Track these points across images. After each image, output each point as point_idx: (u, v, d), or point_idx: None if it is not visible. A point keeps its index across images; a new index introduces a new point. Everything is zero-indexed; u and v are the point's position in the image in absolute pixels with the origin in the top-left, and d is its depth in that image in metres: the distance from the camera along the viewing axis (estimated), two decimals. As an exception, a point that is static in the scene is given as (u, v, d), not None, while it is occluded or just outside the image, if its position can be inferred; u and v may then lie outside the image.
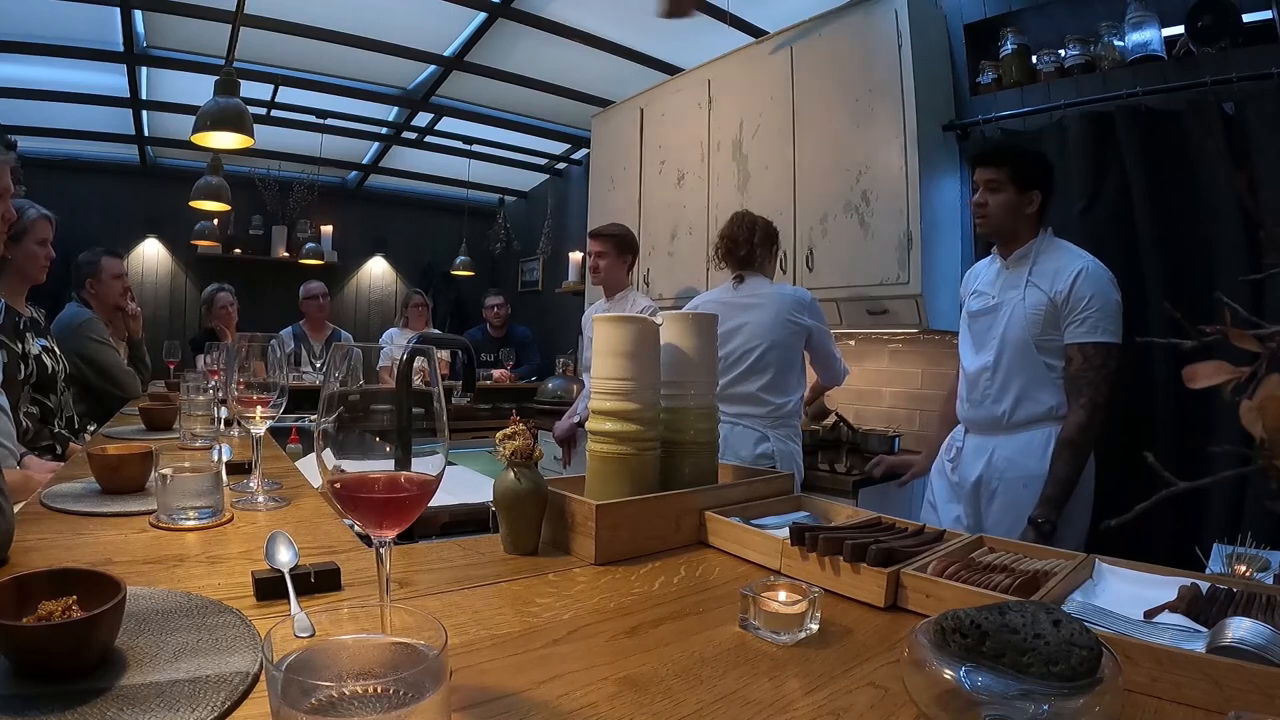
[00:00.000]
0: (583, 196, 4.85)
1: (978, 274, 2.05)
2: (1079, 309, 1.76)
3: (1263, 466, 0.42)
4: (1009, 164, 1.85)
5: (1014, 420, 1.87)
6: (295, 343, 4.48)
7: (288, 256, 6.06)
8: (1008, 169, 1.84)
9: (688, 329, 1.14)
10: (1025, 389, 1.85)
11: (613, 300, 3.13)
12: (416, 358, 0.65)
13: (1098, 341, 1.74)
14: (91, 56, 3.81)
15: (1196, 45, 2.20)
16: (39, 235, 2.19)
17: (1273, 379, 0.42)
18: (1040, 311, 1.81)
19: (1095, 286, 1.76)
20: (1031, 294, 1.83)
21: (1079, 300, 1.76)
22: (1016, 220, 1.86)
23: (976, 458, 1.93)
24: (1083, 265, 1.78)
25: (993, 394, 1.90)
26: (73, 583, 0.61)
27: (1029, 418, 1.86)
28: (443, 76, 4.29)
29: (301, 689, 0.41)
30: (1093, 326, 1.75)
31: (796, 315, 2.31)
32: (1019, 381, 1.85)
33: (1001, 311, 1.89)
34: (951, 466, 2.01)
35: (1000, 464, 1.87)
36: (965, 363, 1.99)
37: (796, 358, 2.34)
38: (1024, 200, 1.84)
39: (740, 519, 1.01)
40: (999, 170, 1.85)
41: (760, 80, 3.32)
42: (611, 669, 0.61)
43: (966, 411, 1.97)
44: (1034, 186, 1.84)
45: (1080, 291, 1.77)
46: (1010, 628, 0.51)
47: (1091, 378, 1.74)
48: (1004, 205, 1.85)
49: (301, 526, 1.05)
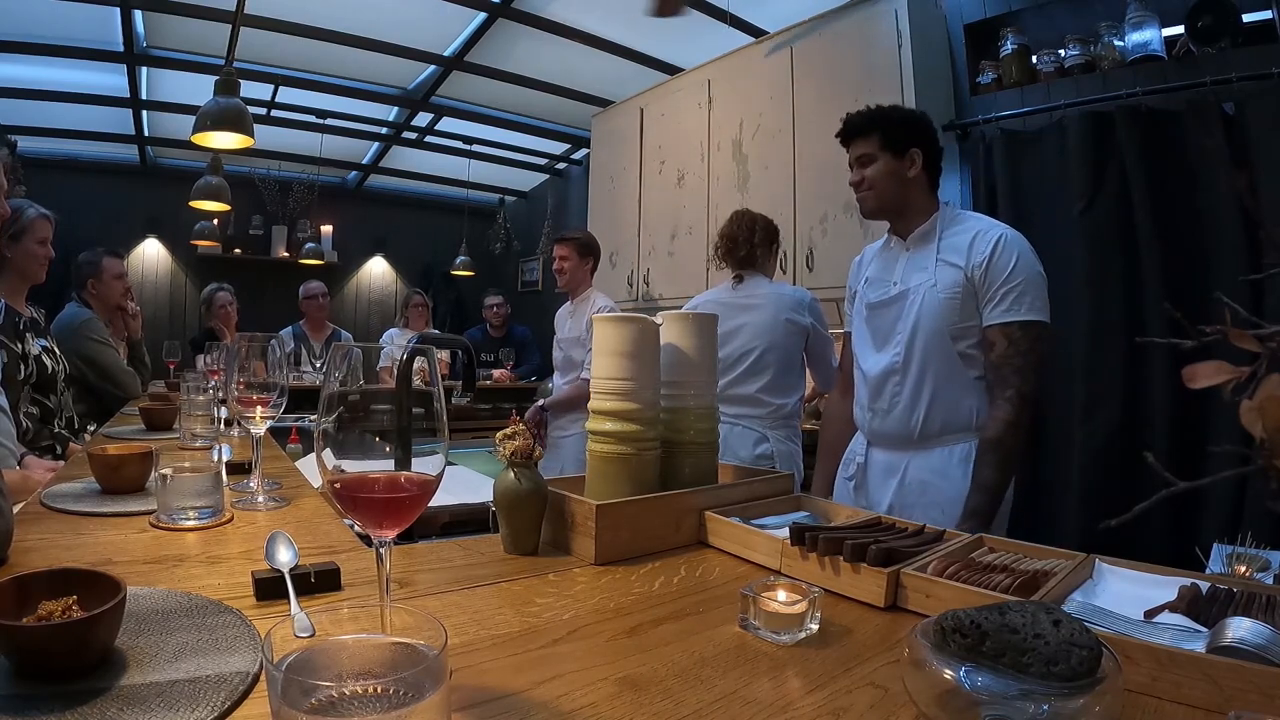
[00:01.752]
0: (583, 196, 4.85)
1: (867, 260, 1.78)
2: (998, 283, 1.49)
3: (1263, 466, 0.42)
4: (876, 129, 1.62)
5: (927, 431, 1.57)
6: (295, 343, 4.47)
7: (288, 256, 6.06)
8: (876, 135, 1.62)
9: (688, 329, 1.14)
10: (940, 392, 1.56)
11: (576, 301, 3.24)
12: (416, 358, 0.65)
13: (1024, 320, 1.47)
14: (91, 56, 3.81)
15: (1196, 45, 2.20)
16: (38, 235, 2.19)
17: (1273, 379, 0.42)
18: (957, 293, 1.53)
19: (1018, 255, 1.50)
20: (944, 273, 1.55)
21: (999, 272, 1.49)
22: (901, 188, 1.62)
23: (885, 478, 1.64)
24: (1001, 232, 1.54)
25: (902, 400, 1.59)
26: (73, 583, 0.61)
27: (946, 428, 1.56)
28: (443, 76, 4.29)
29: (301, 689, 0.41)
30: (1016, 302, 1.47)
31: (796, 315, 2.30)
32: (933, 383, 1.56)
33: (908, 299, 1.60)
34: (854, 486, 1.71)
35: (913, 487, 1.58)
36: (864, 365, 1.69)
37: (796, 358, 2.33)
38: (903, 164, 1.60)
39: (740, 519, 1.01)
40: (866, 140, 1.63)
41: (760, 80, 3.33)
42: (611, 669, 0.61)
43: (870, 422, 1.66)
44: (911, 145, 1.60)
45: (1001, 262, 1.50)
46: (1010, 628, 0.51)
47: (1019, 364, 1.46)
48: (881, 175, 1.61)
49: (301, 526, 1.05)
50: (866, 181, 1.64)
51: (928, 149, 1.62)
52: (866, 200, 1.66)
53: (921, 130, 1.64)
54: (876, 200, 1.65)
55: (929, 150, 1.62)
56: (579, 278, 3.22)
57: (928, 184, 1.64)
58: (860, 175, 1.65)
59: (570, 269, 3.18)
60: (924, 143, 1.62)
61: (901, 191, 1.62)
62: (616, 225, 4.21)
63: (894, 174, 1.61)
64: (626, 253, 4.17)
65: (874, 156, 1.62)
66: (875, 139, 1.62)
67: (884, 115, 1.65)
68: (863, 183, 1.65)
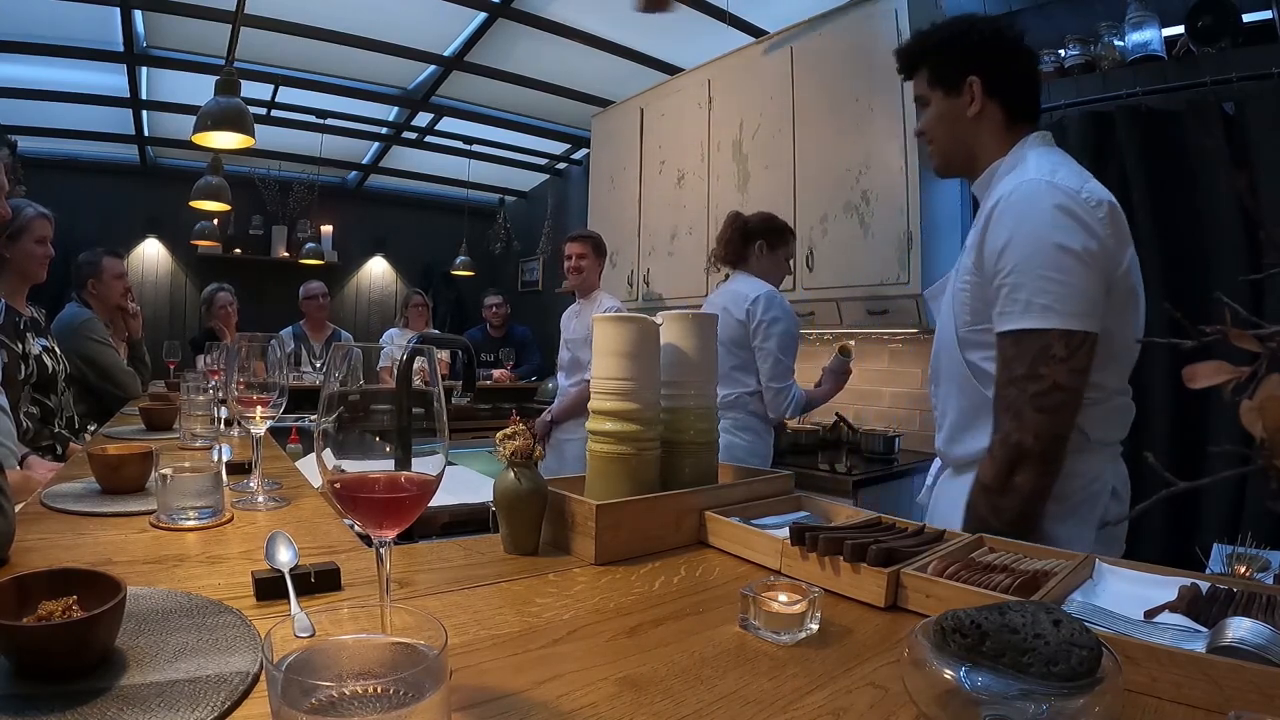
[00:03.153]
0: (583, 196, 4.85)
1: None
2: (991, 270, 1.10)
3: (1263, 466, 0.42)
4: (923, 62, 1.26)
5: (950, 455, 1.27)
6: (295, 343, 4.48)
7: (288, 256, 6.06)
8: (925, 69, 1.25)
9: (688, 329, 1.14)
10: (954, 411, 1.23)
11: (585, 301, 3.26)
12: (416, 358, 0.65)
13: (1015, 330, 1.05)
14: (91, 56, 3.82)
15: (1196, 45, 2.20)
16: (37, 234, 2.19)
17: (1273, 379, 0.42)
18: (966, 284, 1.16)
19: (1013, 227, 1.07)
20: (964, 256, 1.21)
21: (991, 254, 1.09)
22: (962, 133, 1.23)
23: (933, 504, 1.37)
24: (1010, 186, 1.11)
25: (936, 415, 1.32)
26: (73, 583, 0.61)
27: (963, 456, 1.22)
28: (443, 76, 4.29)
29: (301, 689, 0.41)
30: (1008, 301, 1.06)
31: (732, 308, 2.25)
32: (952, 400, 1.24)
33: (947, 288, 1.29)
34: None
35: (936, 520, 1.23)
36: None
37: (735, 352, 2.25)
38: (958, 103, 1.22)
39: (740, 519, 1.01)
40: (918, 78, 1.28)
41: (760, 80, 3.33)
42: (611, 669, 0.61)
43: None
44: (966, 73, 1.20)
45: (994, 239, 1.08)
46: (1010, 628, 0.51)
47: (1009, 398, 1.06)
48: (934, 120, 1.26)
49: (301, 526, 1.05)
50: (926, 132, 1.28)
51: (990, 71, 1.19)
52: (932, 157, 1.31)
53: (975, 49, 1.20)
54: (939, 154, 1.28)
55: (992, 72, 1.19)
56: (593, 277, 3.24)
57: (1003, 118, 1.21)
58: (920, 125, 1.30)
59: (587, 267, 3.20)
60: (982, 65, 1.19)
61: (964, 137, 1.23)
62: (616, 225, 4.21)
63: (949, 116, 1.23)
64: (626, 253, 4.18)
65: (927, 98, 1.27)
66: (924, 75, 1.26)
67: (929, 40, 1.26)
68: (923, 131, 1.29)
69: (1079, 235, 1.04)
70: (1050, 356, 1.02)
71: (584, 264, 3.19)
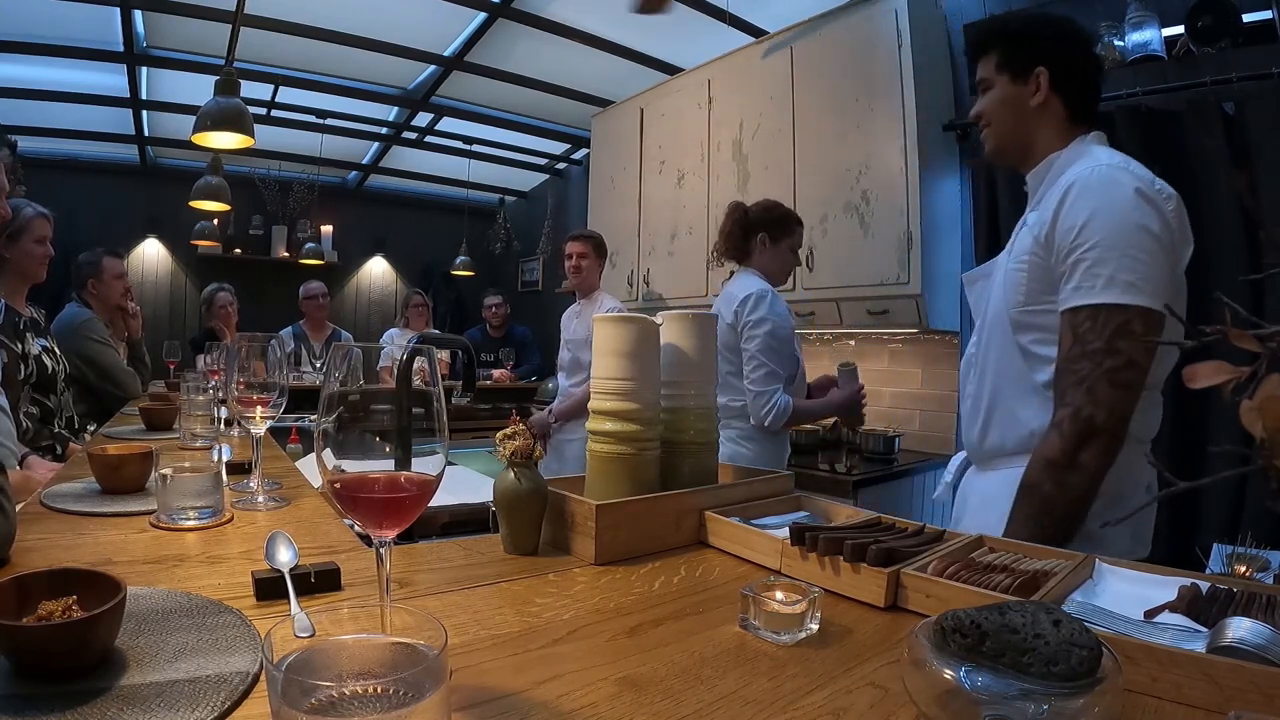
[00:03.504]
0: (583, 196, 4.85)
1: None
2: (1066, 248, 1.08)
3: (1263, 466, 0.42)
4: (995, 45, 1.26)
5: (987, 446, 1.25)
6: (295, 343, 4.48)
7: (288, 256, 6.06)
8: (995, 52, 1.26)
9: (688, 329, 1.14)
10: (999, 397, 1.21)
11: (585, 301, 3.26)
12: (416, 358, 0.65)
13: (1094, 304, 1.04)
14: (91, 56, 3.82)
15: (1196, 45, 2.20)
16: (37, 234, 2.19)
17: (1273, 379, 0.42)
18: (1024, 262, 1.16)
19: (1094, 204, 1.07)
20: (1022, 236, 1.21)
21: (1066, 231, 1.08)
22: (1021, 122, 1.24)
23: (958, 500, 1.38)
24: (1085, 169, 1.12)
25: (968, 406, 1.30)
26: (73, 583, 0.61)
27: (1002, 446, 1.21)
28: (443, 76, 4.29)
29: (301, 689, 0.41)
30: (1087, 276, 1.05)
31: (723, 309, 2.13)
32: (994, 384, 1.23)
33: (994, 273, 1.29)
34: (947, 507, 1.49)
35: (966, 513, 1.30)
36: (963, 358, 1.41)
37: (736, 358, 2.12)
38: (1023, 90, 1.22)
39: (740, 519, 1.01)
40: (986, 60, 1.27)
41: (760, 80, 3.33)
42: (611, 669, 0.61)
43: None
44: (1035, 63, 1.21)
45: (1069, 215, 1.09)
46: (1010, 628, 0.51)
47: (1083, 372, 1.04)
48: (995, 104, 1.26)
49: (301, 526, 1.05)
50: (984, 115, 1.28)
51: (1059, 66, 1.21)
52: (986, 140, 1.30)
53: (1048, 41, 1.23)
54: (995, 139, 1.28)
55: (1061, 67, 1.21)
56: (594, 277, 3.25)
57: (1064, 113, 1.22)
58: (979, 107, 1.29)
59: (587, 267, 3.20)
60: (1052, 58, 1.21)
61: (1023, 125, 1.24)
62: (616, 225, 4.21)
63: (1011, 103, 1.24)
64: (626, 253, 4.18)
65: (990, 81, 1.27)
66: (993, 59, 1.26)
67: (1004, 25, 1.29)
68: (980, 115, 1.29)
69: (1157, 221, 1.07)
70: (1130, 332, 1.02)
71: (585, 264, 3.19)
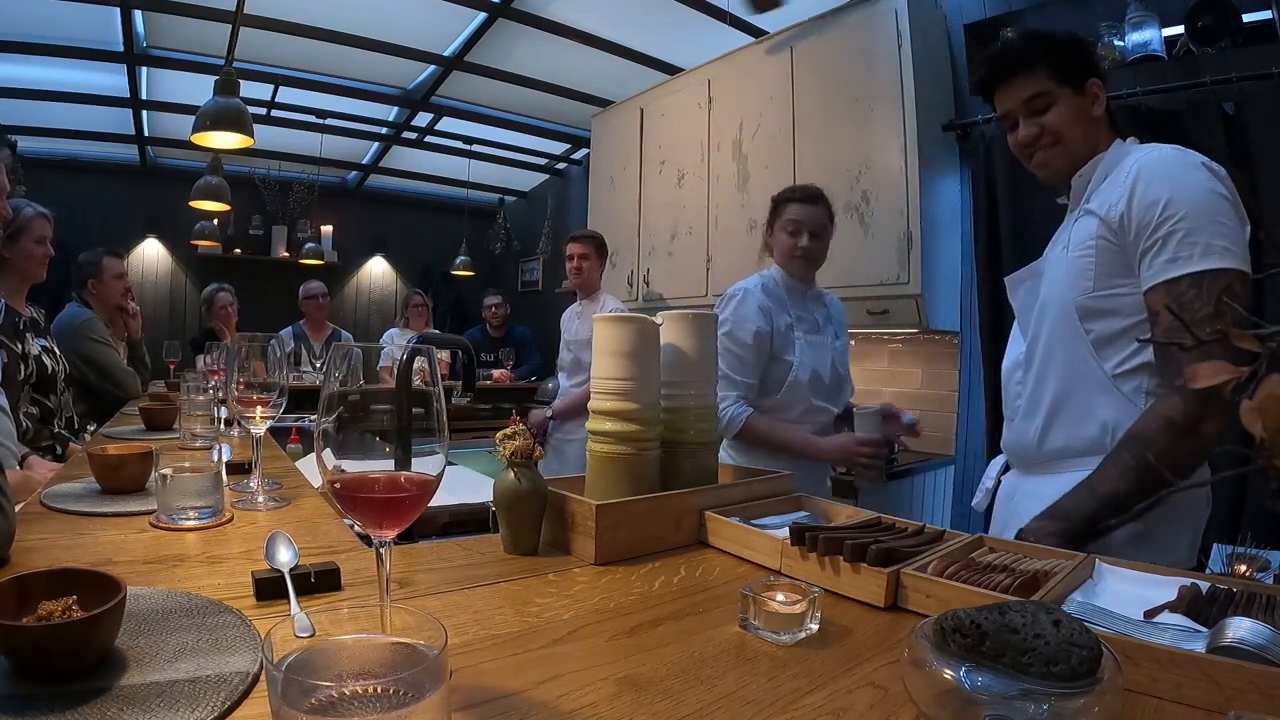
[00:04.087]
0: (583, 196, 4.85)
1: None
2: (1151, 224, 1.06)
3: (1263, 466, 0.42)
4: (1044, 60, 1.19)
5: (1048, 448, 1.20)
6: (295, 343, 4.48)
7: (288, 256, 6.06)
8: (1044, 67, 1.19)
9: (688, 329, 1.14)
10: (1064, 394, 1.17)
11: (587, 301, 3.26)
12: (416, 358, 0.65)
13: (1197, 271, 1.02)
14: (91, 56, 3.82)
15: (1196, 45, 2.20)
16: (36, 234, 2.19)
17: (1273, 379, 0.42)
18: (1089, 248, 1.13)
19: (1173, 179, 1.07)
20: (1080, 226, 1.17)
21: (1147, 207, 1.06)
22: (1092, 134, 1.21)
23: (1003, 506, 1.32)
24: (1147, 154, 1.13)
25: (1023, 405, 1.24)
26: (73, 583, 0.61)
27: (1069, 447, 1.17)
28: (443, 76, 4.29)
29: (301, 689, 0.41)
30: (1183, 246, 1.03)
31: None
32: (1056, 381, 1.18)
33: (1046, 268, 1.25)
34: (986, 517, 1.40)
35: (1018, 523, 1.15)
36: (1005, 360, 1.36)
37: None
38: (1087, 100, 1.20)
39: (740, 519, 1.01)
40: (1030, 77, 1.20)
41: (760, 80, 3.33)
42: (611, 669, 0.61)
43: (1004, 434, 1.34)
44: (1088, 74, 1.19)
45: (1147, 192, 1.07)
46: (1010, 628, 0.51)
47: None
48: (1068, 119, 1.19)
49: (301, 526, 1.05)
50: (1048, 133, 1.20)
51: (1102, 77, 1.21)
52: (1052, 161, 1.22)
53: (1091, 54, 1.23)
54: (1067, 154, 1.21)
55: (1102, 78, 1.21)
56: (594, 277, 3.25)
57: (1107, 120, 1.23)
58: (1037, 127, 1.20)
59: (588, 268, 3.20)
60: (1097, 68, 1.21)
61: (1090, 139, 1.21)
62: (616, 225, 4.21)
63: (1082, 116, 1.19)
64: (626, 253, 4.18)
65: (1051, 96, 1.19)
66: (1044, 73, 1.19)
67: (1050, 40, 1.22)
68: (1041, 135, 1.20)
69: (1229, 190, 1.08)
70: (1234, 295, 1.02)
71: (586, 264, 3.20)
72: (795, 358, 1.88)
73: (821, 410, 1.93)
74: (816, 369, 1.90)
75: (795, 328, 1.91)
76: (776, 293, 1.94)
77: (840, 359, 2.01)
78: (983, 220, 2.67)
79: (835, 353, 1.99)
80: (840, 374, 1.99)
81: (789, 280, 1.98)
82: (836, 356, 1.99)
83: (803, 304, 1.99)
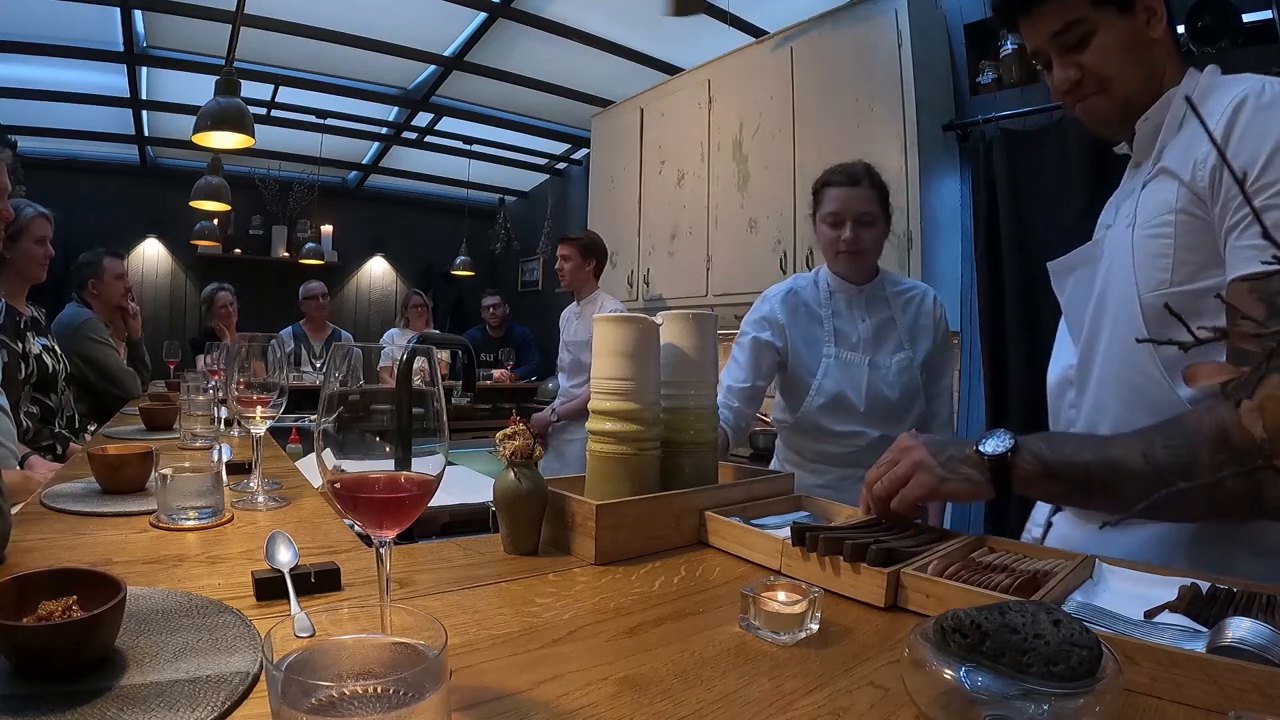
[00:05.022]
0: (583, 196, 4.85)
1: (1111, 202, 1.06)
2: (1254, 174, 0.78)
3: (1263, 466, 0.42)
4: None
5: None
6: (295, 343, 4.48)
7: (288, 256, 6.07)
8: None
9: (688, 329, 1.14)
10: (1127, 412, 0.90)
11: (583, 303, 3.27)
12: (416, 358, 0.65)
13: None
14: (91, 56, 3.82)
15: (1196, 45, 2.19)
16: (37, 234, 2.20)
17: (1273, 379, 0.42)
18: (1167, 223, 0.85)
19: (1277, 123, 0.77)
20: (1152, 194, 0.89)
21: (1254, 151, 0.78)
22: (1149, 62, 0.92)
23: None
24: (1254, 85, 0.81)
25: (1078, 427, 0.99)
26: (73, 583, 0.61)
27: None
28: (443, 76, 4.29)
29: (301, 689, 0.41)
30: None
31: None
32: (1116, 408, 0.92)
33: (1105, 250, 0.96)
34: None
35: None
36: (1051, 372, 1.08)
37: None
38: (1139, 19, 0.90)
39: (740, 519, 1.01)
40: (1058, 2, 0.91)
41: (760, 80, 3.33)
42: (611, 669, 0.61)
43: None
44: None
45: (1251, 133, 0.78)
46: (1010, 628, 0.51)
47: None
48: (1117, 49, 0.90)
49: (301, 526, 1.04)
50: (1090, 77, 0.92)
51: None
52: (1099, 110, 0.95)
53: None
54: (1120, 96, 0.93)
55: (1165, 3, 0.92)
56: (580, 278, 3.26)
57: (1172, 43, 0.93)
58: (1075, 69, 0.92)
59: (570, 270, 3.22)
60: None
61: (1151, 68, 0.92)
62: (616, 225, 4.21)
63: (1134, 43, 0.90)
64: (626, 253, 4.18)
65: (1088, 24, 0.90)
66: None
67: None
68: (1083, 81, 0.93)
69: None
70: None
71: (568, 265, 3.22)
72: (816, 380, 1.64)
73: (855, 434, 1.64)
74: (841, 392, 1.62)
75: (827, 343, 1.65)
76: (815, 299, 1.69)
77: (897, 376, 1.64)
78: (982, 220, 2.67)
79: (883, 370, 1.64)
80: (887, 396, 1.63)
81: (836, 282, 1.70)
82: (886, 375, 1.64)
83: (849, 311, 1.68)
